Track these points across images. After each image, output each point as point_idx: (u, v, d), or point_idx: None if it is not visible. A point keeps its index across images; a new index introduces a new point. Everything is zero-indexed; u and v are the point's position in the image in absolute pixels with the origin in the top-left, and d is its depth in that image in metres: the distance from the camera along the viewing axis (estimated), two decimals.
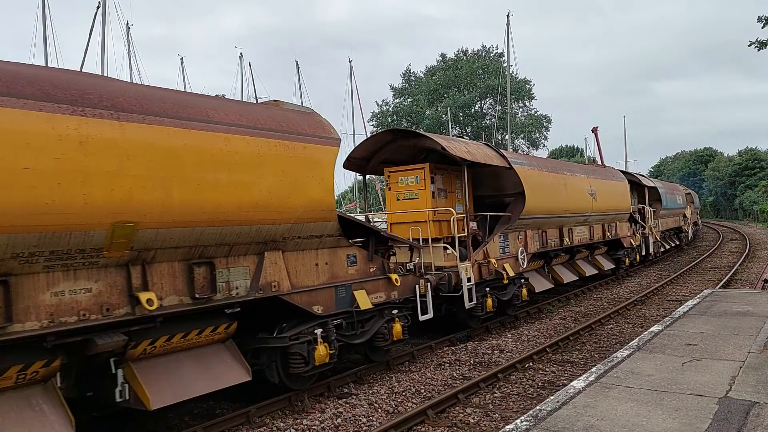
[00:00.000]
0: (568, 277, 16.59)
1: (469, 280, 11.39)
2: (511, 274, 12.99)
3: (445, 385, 8.84)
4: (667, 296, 16.86)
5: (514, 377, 9.24)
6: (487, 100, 61.80)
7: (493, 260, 12.57)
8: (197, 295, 6.57)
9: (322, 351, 7.95)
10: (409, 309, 9.96)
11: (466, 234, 12.02)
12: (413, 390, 8.63)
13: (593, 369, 7.37)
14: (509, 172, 13.51)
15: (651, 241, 24.05)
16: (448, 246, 11.70)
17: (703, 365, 7.25)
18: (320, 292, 8.14)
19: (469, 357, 10.43)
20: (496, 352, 10.81)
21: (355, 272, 8.81)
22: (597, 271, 18.85)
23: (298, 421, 7.41)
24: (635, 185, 24.33)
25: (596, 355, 10.40)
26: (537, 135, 62.85)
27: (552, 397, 6.33)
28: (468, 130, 62.62)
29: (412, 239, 11.30)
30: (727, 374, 6.80)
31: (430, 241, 11.36)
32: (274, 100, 8.67)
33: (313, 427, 7.20)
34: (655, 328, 9.59)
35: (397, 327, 9.53)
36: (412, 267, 10.17)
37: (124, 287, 5.98)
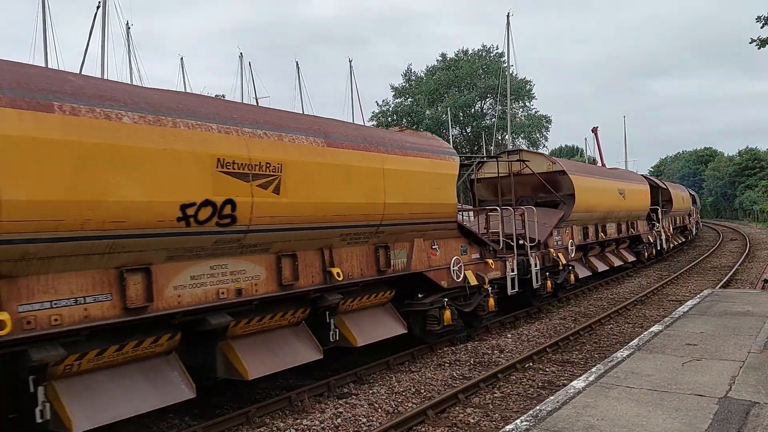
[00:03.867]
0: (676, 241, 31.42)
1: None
2: (670, 234, 28.45)
3: (445, 385, 8.84)
4: (667, 296, 16.86)
5: (514, 377, 9.24)
6: (488, 100, 61.72)
7: (666, 228, 27.30)
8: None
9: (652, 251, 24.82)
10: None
11: (660, 216, 25.94)
12: (413, 390, 8.63)
13: (593, 369, 7.37)
14: (666, 190, 28.32)
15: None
16: (656, 223, 25.52)
17: (703, 365, 7.25)
18: (643, 235, 23.42)
19: (469, 357, 10.43)
20: (496, 352, 10.81)
21: (647, 229, 24.26)
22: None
23: (298, 421, 7.41)
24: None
25: (596, 355, 10.40)
26: (537, 135, 62.82)
27: (552, 397, 6.33)
28: (468, 130, 62.59)
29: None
30: (727, 374, 6.80)
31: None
32: (643, 174, 27.77)
33: (313, 427, 7.21)
34: (655, 328, 9.59)
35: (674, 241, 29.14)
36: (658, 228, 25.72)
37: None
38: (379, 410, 7.80)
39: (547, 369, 9.69)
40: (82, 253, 5.55)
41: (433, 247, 10.54)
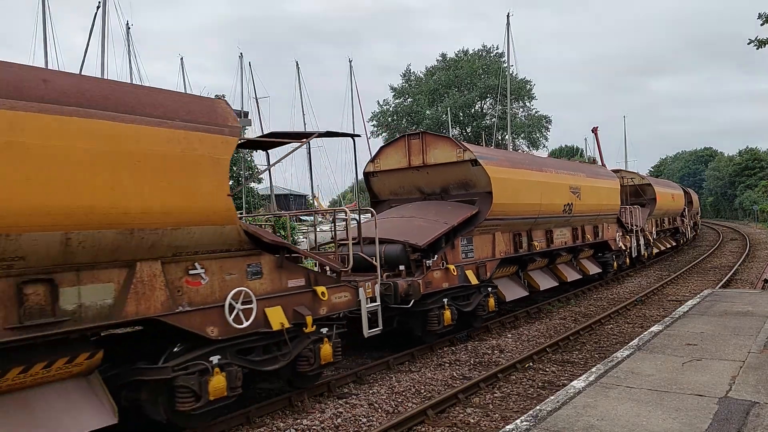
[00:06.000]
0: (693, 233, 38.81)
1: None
2: (691, 227, 35.36)
3: (445, 385, 8.84)
4: (667, 296, 16.86)
5: (514, 377, 9.24)
6: (488, 100, 61.73)
7: (689, 222, 33.52)
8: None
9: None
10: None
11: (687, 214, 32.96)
12: (413, 390, 8.63)
13: (593, 369, 7.37)
14: (689, 194, 34.13)
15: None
16: (684, 219, 32.11)
17: (703, 365, 7.25)
18: (680, 227, 32.42)
19: (469, 357, 10.43)
20: (496, 352, 10.81)
21: (680, 223, 32.71)
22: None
23: (298, 421, 7.41)
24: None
25: (596, 355, 10.40)
26: (537, 135, 62.83)
27: (552, 397, 6.34)
28: (468, 130, 62.58)
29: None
30: (727, 374, 6.81)
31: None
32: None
33: (313, 427, 7.21)
34: (655, 328, 9.59)
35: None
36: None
37: None
38: (379, 410, 7.80)
39: (547, 369, 9.69)
40: (540, 223, 14.60)
41: (608, 227, 19.47)
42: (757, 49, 19.83)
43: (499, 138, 52.33)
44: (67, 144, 5.25)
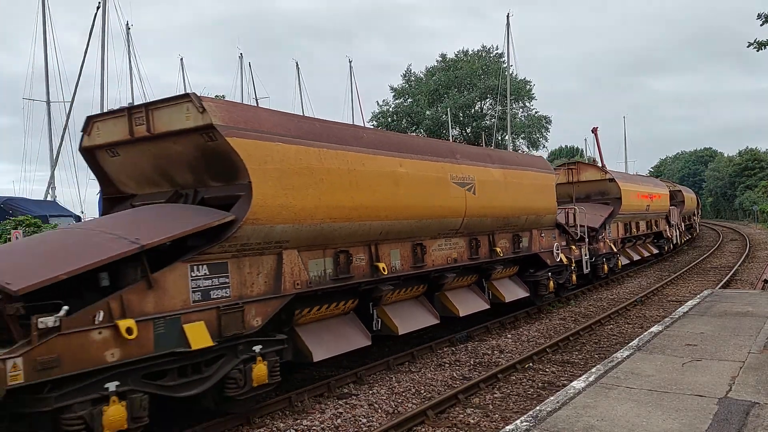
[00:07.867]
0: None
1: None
2: (698, 222, 46.18)
3: (445, 386, 8.84)
4: (667, 296, 16.86)
5: (514, 378, 9.24)
6: (487, 100, 61.67)
7: (697, 218, 44.54)
8: None
9: None
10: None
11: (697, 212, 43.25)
12: (413, 390, 8.63)
13: (593, 369, 7.37)
14: (696, 197, 43.74)
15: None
16: (695, 216, 41.32)
17: (703, 366, 7.25)
18: (693, 222, 41.73)
19: (469, 357, 10.43)
20: (496, 352, 10.82)
21: (693, 219, 41.95)
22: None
23: (298, 421, 7.41)
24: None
25: (596, 356, 10.40)
26: (537, 135, 62.76)
27: (552, 398, 6.34)
28: (468, 130, 62.55)
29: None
30: (727, 374, 6.81)
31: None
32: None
33: (313, 427, 7.21)
34: (655, 329, 9.59)
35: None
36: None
37: None
38: (379, 411, 7.81)
39: (547, 369, 9.69)
40: (635, 217, 23.42)
41: (660, 221, 26.89)
42: (757, 51, 19.88)
43: (499, 138, 52.32)
44: (525, 182, 13.31)
